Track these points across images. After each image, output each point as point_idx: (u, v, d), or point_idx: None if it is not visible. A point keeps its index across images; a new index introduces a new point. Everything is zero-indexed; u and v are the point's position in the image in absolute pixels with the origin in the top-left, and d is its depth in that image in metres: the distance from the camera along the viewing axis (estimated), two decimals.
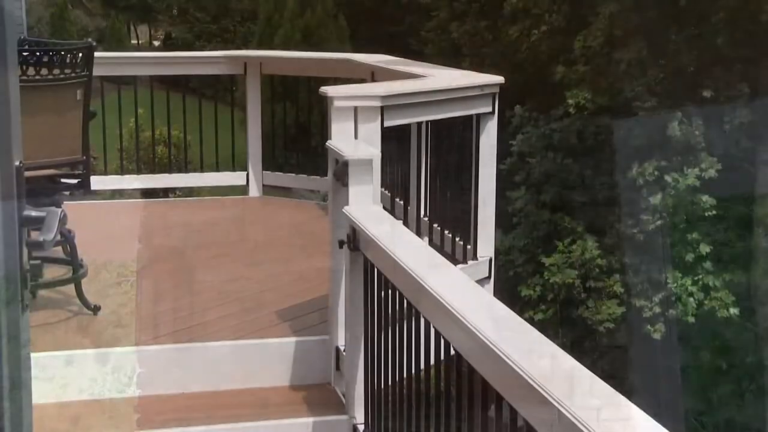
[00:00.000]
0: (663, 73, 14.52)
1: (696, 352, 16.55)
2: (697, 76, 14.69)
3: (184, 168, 7.65)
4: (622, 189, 15.08)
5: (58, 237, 4.28)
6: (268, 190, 7.31)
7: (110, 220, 6.58)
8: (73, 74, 4.36)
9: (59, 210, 1.89)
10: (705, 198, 14.37)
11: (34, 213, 1.84)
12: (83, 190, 4.53)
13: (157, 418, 3.66)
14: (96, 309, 4.38)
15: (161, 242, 5.89)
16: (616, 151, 15.71)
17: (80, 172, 4.53)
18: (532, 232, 15.59)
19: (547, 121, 16.15)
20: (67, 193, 4.59)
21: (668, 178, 14.32)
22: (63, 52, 4.29)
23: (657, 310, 14.77)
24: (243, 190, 7.24)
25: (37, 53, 4.29)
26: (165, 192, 15.23)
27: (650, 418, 1.93)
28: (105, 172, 7.43)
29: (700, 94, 14.35)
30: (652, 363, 17.33)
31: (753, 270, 15.14)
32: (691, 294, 14.57)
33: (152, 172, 7.78)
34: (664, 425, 1.90)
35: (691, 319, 14.50)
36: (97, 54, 4.42)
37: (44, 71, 4.24)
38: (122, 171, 7.30)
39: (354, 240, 3.60)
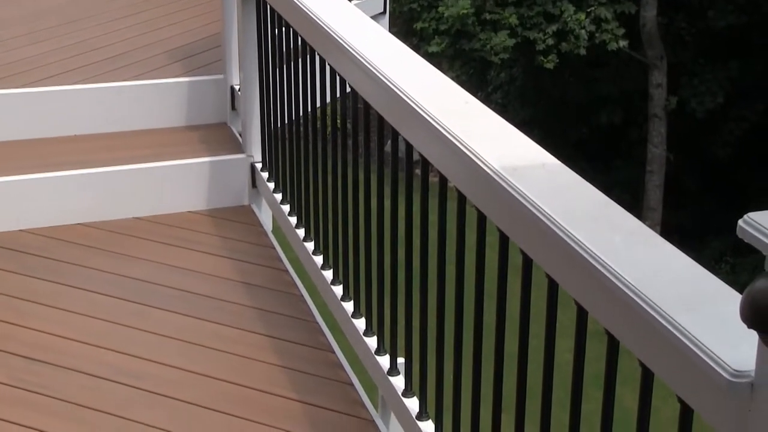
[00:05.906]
0: None
1: (586, 82, 16.97)
2: None
3: None
4: None
5: None
6: None
7: None
8: None
9: None
10: None
11: None
12: None
13: (53, 160, 3.63)
14: None
15: None
16: None
17: None
18: None
19: None
20: None
21: None
22: None
23: (550, 42, 14.90)
24: None
25: None
26: None
27: (540, 147, 2.00)
28: None
29: None
30: (543, 94, 17.75)
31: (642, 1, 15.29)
32: (583, 27, 14.70)
33: None
34: (552, 153, 1.97)
35: (583, 51, 14.73)
36: None
37: None
38: None
39: None
